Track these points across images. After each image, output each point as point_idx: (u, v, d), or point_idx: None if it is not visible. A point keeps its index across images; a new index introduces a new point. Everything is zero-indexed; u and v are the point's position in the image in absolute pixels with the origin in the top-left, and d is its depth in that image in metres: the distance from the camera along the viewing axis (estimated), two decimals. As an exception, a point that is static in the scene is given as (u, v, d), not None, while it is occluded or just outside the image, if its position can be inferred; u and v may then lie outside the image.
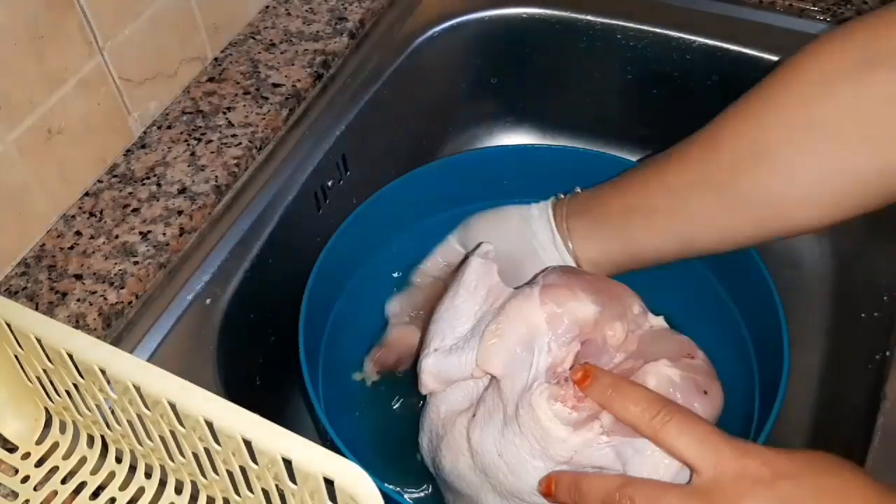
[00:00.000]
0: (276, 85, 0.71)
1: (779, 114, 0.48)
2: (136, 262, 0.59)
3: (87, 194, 0.63)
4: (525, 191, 0.66)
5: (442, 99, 0.85)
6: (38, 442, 0.51)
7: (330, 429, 0.52)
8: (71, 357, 0.42)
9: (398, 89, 0.77)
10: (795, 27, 0.76)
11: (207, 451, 0.41)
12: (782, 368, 0.54)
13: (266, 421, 0.36)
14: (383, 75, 0.76)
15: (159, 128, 0.68)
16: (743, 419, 0.58)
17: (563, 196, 0.60)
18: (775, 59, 0.73)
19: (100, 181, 0.64)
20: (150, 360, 0.57)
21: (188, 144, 0.66)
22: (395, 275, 0.70)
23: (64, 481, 0.49)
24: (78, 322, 0.55)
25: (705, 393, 0.48)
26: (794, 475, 0.40)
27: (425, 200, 0.69)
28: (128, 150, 0.66)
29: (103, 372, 0.41)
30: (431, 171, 0.69)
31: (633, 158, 0.71)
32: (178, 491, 0.47)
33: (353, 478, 0.34)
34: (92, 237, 0.60)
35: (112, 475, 0.49)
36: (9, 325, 0.44)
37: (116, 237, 0.60)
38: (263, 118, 0.68)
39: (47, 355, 0.44)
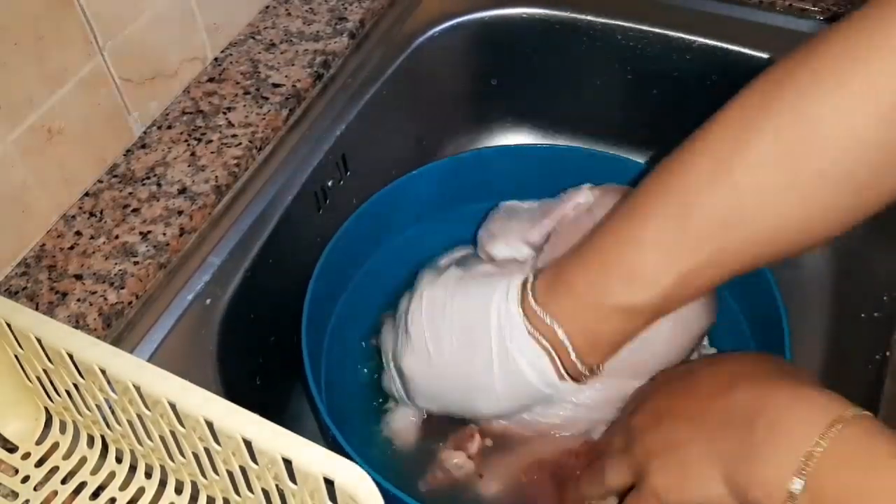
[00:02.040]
0: (276, 85, 0.71)
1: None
2: (136, 262, 0.59)
3: (87, 194, 0.63)
4: (526, 191, 0.66)
5: (442, 99, 0.85)
6: (38, 442, 0.51)
7: (335, 430, 0.52)
8: (71, 357, 0.42)
9: (398, 89, 0.77)
10: (795, 27, 0.76)
11: (207, 451, 0.41)
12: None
13: (266, 421, 0.36)
14: (383, 75, 0.76)
15: (159, 128, 0.68)
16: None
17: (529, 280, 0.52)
18: (775, 59, 0.73)
19: (100, 181, 0.64)
20: (150, 360, 0.57)
21: (188, 144, 0.66)
22: (398, 275, 0.70)
23: (64, 481, 0.49)
24: (78, 322, 0.55)
25: None
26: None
27: (427, 200, 0.69)
28: (128, 150, 0.66)
29: (103, 372, 0.41)
30: (432, 172, 0.69)
31: (633, 158, 0.71)
32: (179, 491, 0.47)
33: (353, 478, 0.34)
34: (92, 237, 0.60)
35: (112, 475, 0.49)
36: (9, 325, 0.44)
37: (116, 237, 0.60)
38: (263, 118, 0.68)
39: (47, 355, 0.44)
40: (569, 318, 0.49)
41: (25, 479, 0.49)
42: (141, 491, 0.48)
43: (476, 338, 0.52)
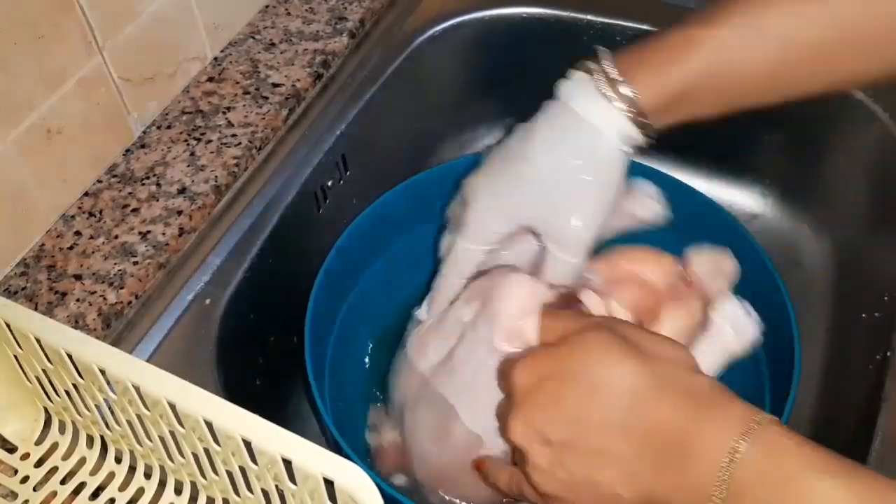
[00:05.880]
0: (275, 85, 0.71)
1: None
2: (135, 263, 0.59)
3: (86, 194, 0.63)
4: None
5: (442, 99, 0.85)
6: (38, 442, 0.51)
7: (336, 433, 0.52)
8: (70, 357, 0.42)
9: (398, 89, 0.77)
10: (796, 27, 0.75)
11: (207, 451, 0.41)
12: (793, 372, 0.54)
13: (266, 421, 0.36)
14: (383, 75, 0.76)
15: (159, 128, 0.68)
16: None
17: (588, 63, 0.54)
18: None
19: (99, 181, 0.64)
20: (149, 360, 0.57)
21: (188, 144, 0.66)
22: (404, 277, 0.70)
23: (63, 482, 0.49)
24: (77, 322, 0.55)
25: None
26: (558, 376, 0.44)
27: (434, 203, 0.69)
28: (127, 150, 0.66)
29: (103, 372, 0.41)
30: (434, 175, 0.69)
31: (633, 158, 0.71)
32: (178, 491, 0.47)
33: (353, 478, 0.34)
34: (91, 237, 0.60)
35: (112, 475, 0.49)
36: (8, 326, 0.44)
37: (116, 237, 0.60)
38: (263, 118, 0.68)
39: (47, 355, 0.44)
40: (621, 56, 0.51)
41: (25, 480, 0.49)
42: (140, 491, 0.48)
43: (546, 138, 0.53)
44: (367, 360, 0.69)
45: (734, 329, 0.51)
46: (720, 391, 0.42)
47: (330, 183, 0.72)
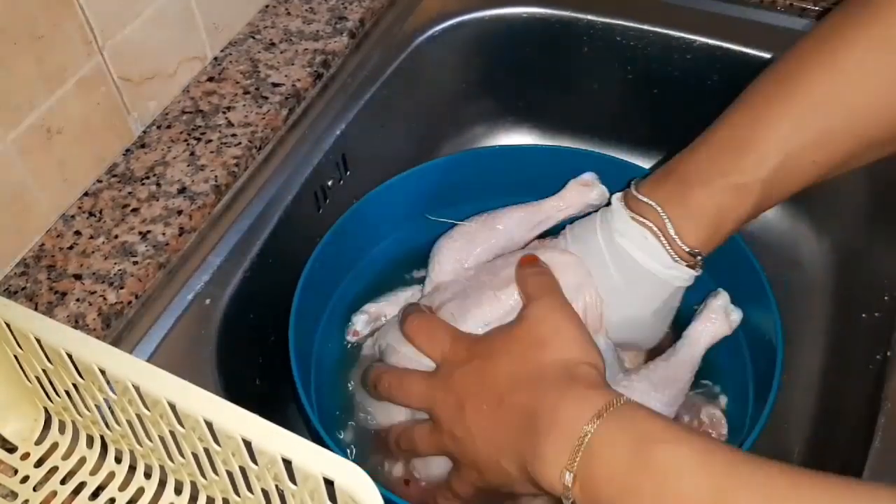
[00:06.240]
0: (275, 84, 0.71)
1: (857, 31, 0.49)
2: (135, 262, 0.59)
3: (86, 194, 0.63)
4: (524, 191, 0.66)
5: (442, 99, 0.85)
6: (38, 442, 0.51)
7: (320, 427, 0.52)
8: (70, 357, 0.42)
9: (398, 89, 0.77)
10: (796, 27, 0.76)
11: (207, 451, 0.41)
12: (775, 366, 0.54)
13: (266, 421, 0.36)
14: (383, 75, 0.76)
15: (159, 127, 0.68)
16: (737, 417, 0.59)
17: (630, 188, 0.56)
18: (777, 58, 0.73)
19: (99, 181, 0.64)
20: (149, 360, 0.57)
21: (188, 144, 0.66)
22: (392, 275, 0.70)
23: (63, 481, 0.49)
24: (77, 322, 0.55)
25: None
26: (485, 356, 0.51)
27: (423, 200, 0.69)
28: (127, 150, 0.66)
29: (103, 372, 0.41)
30: (429, 170, 0.69)
31: (633, 159, 0.71)
32: (178, 491, 0.47)
33: (354, 478, 0.34)
34: (91, 237, 0.60)
35: (112, 475, 0.49)
36: (8, 326, 0.44)
37: (116, 237, 0.60)
38: (263, 118, 0.68)
39: (47, 355, 0.44)
40: (673, 201, 0.52)
41: (25, 480, 0.49)
42: (140, 491, 0.48)
43: (590, 247, 0.56)
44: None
45: (725, 315, 0.59)
46: (597, 384, 0.47)
47: (330, 183, 0.72)
